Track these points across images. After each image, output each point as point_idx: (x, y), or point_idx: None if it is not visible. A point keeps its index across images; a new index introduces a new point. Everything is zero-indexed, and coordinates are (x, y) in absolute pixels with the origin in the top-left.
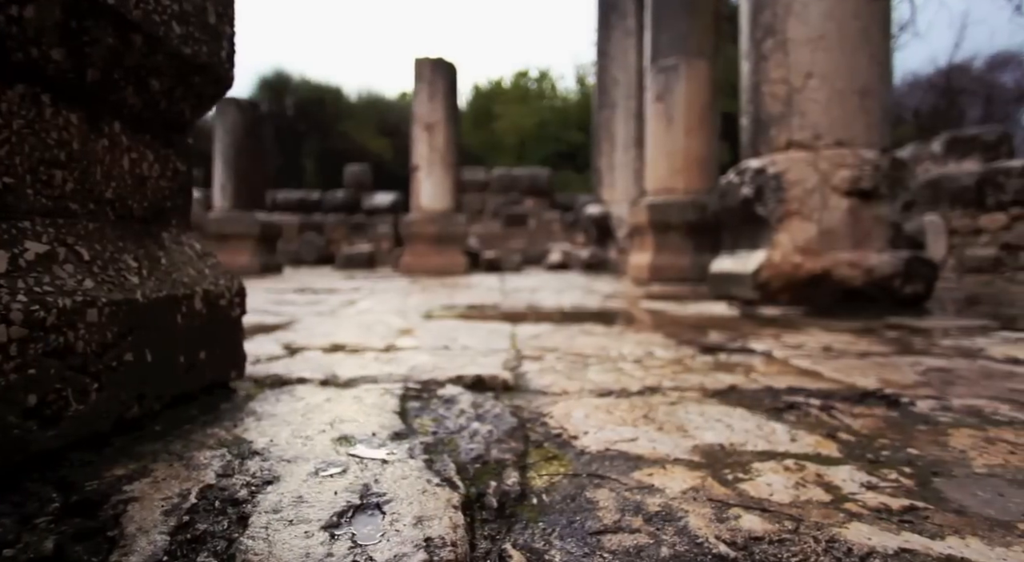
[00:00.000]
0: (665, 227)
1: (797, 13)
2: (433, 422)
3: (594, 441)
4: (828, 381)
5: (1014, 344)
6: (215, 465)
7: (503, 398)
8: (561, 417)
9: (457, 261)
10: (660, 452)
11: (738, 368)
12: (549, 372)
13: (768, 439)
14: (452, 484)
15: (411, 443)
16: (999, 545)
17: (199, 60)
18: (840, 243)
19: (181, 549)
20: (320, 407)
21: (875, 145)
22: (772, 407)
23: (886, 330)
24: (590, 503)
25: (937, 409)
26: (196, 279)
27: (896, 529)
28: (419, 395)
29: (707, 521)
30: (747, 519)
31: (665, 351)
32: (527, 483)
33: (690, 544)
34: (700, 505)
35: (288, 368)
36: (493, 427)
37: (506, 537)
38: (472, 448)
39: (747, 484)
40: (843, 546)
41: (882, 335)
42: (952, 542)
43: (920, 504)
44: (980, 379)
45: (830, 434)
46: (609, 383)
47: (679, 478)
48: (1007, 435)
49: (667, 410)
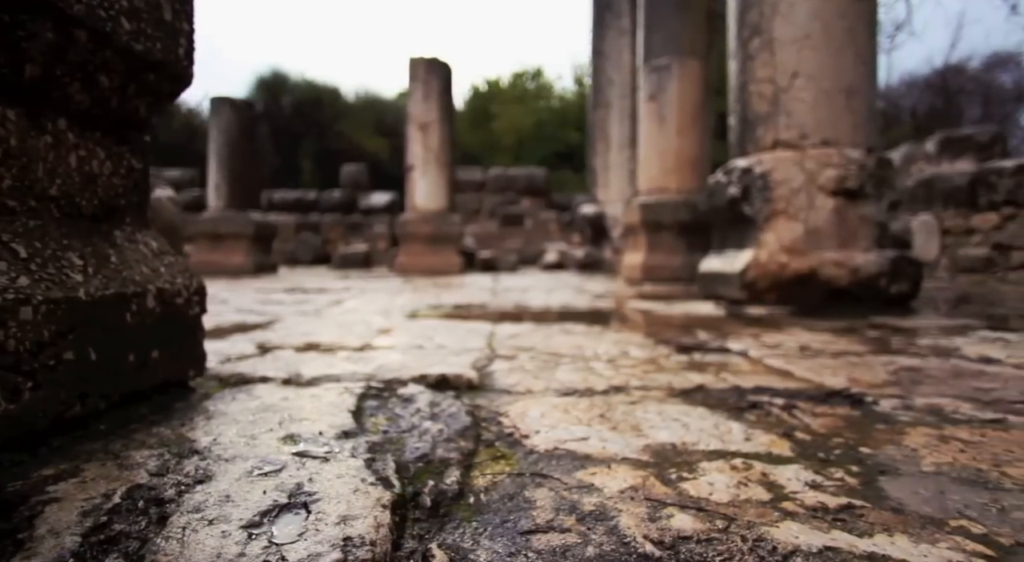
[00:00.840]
0: (657, 227)
1: (783, 13)
2: (387, 421)
3: (544, 440)
4: (798, 380)
5: (991, 343)
6: (150, 464)
7: (464, 397)
8: (516, 416)
9: (452, 261)
10: (609, 451)
11: (710, 368)
12: (518, 371)
13: (722, 438)
14: (387, 483)
15: (356, 442)
16: (926, 542)
17: (153, 57)
18: (826, 243)
19: (91, 551)
20: (274, 406)
21: (861, 145)
22: (734, 406)
23: (868, 329)
24: (527, 502)
25: (899, 408)
26: (149, 277)
27: (827, 528)
28: (379, 394)
29: (639, 520)
30: (680, 518)
31: (641, 351)
32: (468, 482)
33: (617, 543)
34: (636, 504)
35: (254, 367)
36: (445, 426)
37: (435, 537)
38: (419, 447)
39: (689, 483)
40: (769, 545)
41: (863, 335)
42: (879, 540)
43: (858, 503)
44: (949, 378)
45: (786, 433)
46: (576, 382)
47: (621, 477)
48: (962, 434)
49: (625, 410)
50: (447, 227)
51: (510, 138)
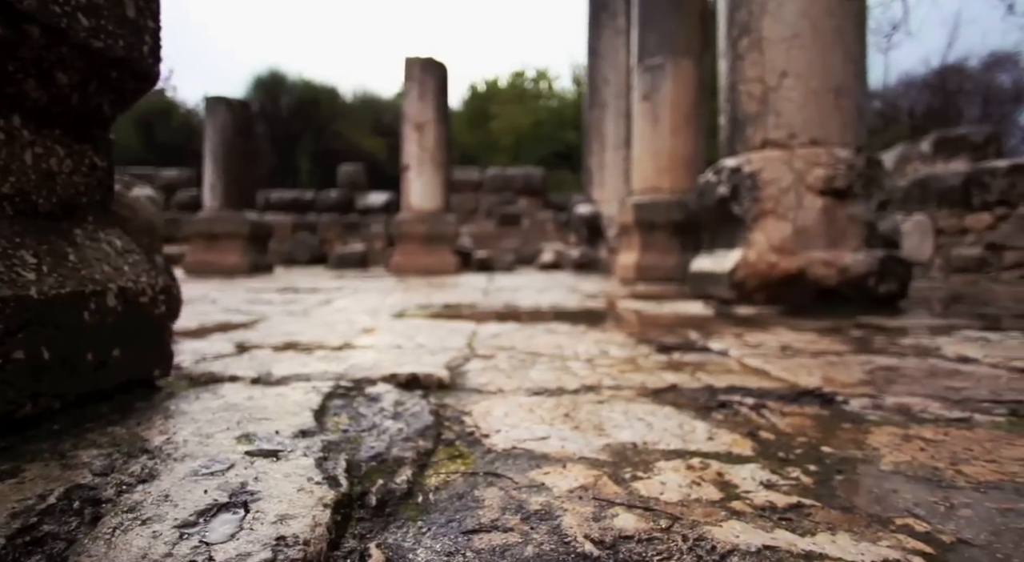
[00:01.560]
0: (651, 226)
1: (772, 12)
2: (349, 420)
3: (504, 440)
4: (773, 380)
5: (972, 343)
6: (96, 464)
7: (432, 396)
8: (480, 416)
9: (447, 261)
10: (567, 451)
11: (687, 367)
12: (492, 371)
13: (684, 438)
14: (334, 482)
15: (312, 441)
16: (867, 540)
17: (114, 54)
18: (815, 242)
19: (14, 553)
20: (237, 405)
21: (850, 144)
22: (703, 406)
23: (853, 329)
24: (476, 502)
25: (868, 407)
26: (111, 276)
27: (771, 527)
28: (346, 393)
29: (583, 520)
30: (624, 518)
31: (621, 350)
32: (419, 481)
33: (557, 543)
34: (583, 504)
35: (227, 367)
36: (406, 425)
37: (376, 536)
38: (375, 446)
39: (641, 483)
40: (708, 544)
41: (846, 334)
42: (820, 539)
43: (809, 502)
44: (923, 378)
45: (750, 433)
46: (548, 382)
47: (573, 477)
48: (926, 433)
49: (591, 409)
50: (442, 227)
51: (508, 138)
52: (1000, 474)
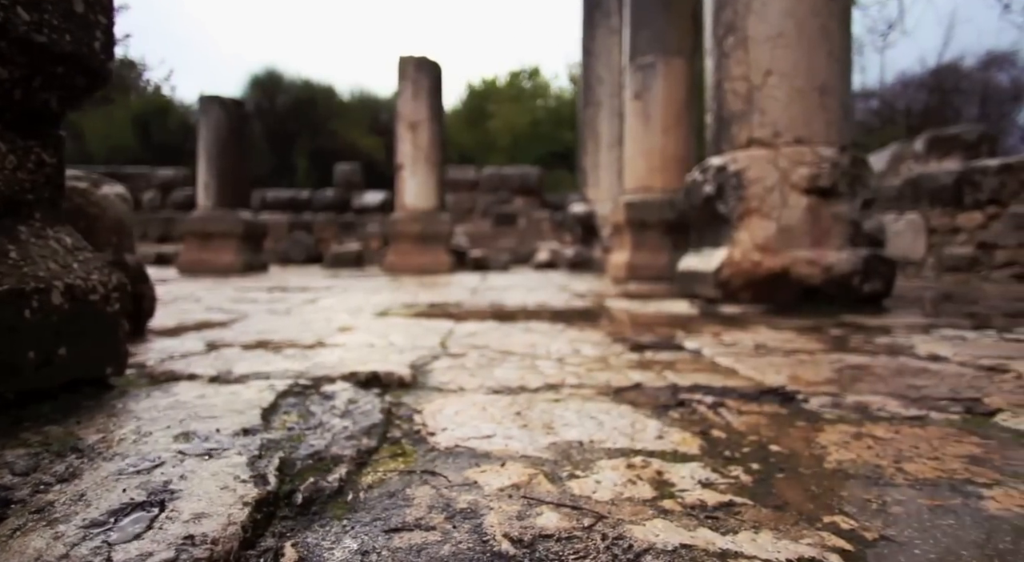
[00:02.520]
0: (642, 225)
1: (757, 11)
2: (298, 418)
3: (449, 438)
4: (739, 378)
5: (948, 341)
6: (19, 464)
7: (389, 395)
8: (430, 414)
9: (441, 260)
10: (510, 449)
11: (656, 366)
12: (457, 369)
13: (633, 437)
14: (263, 480)
15: (251, 440)
16: (789, 538)
17: (60, 49)
18: (799, 241)
19: None
20: (187, 404)
21: (834, 143)
22: (662, 405)
23: (832, 328)
24: (405, 500)
25: (827, 406)
26: (57, 273)
27: (695, 526)
28: (302, 391)
29: (506, 519)
30: (548, 517)
31: (594, 349)
32: (353, 480)
33: (475, 542)
34: (510, 503)
35: (190, 365)
36: (353, 423)
37: (295, 535)
38: (316, 444)
39: (576, 482)
40: (625, 543)
41: (825, 333)
42: (741, 537)
43: (741, 500)
44: (890, 376)
45: (702, 432)
46: (511, 380)
47: (508, 475)
48: (878, 431)
49: (545, 408)
50: (436, 226)
51: (506, 137)
52: (940, 471)
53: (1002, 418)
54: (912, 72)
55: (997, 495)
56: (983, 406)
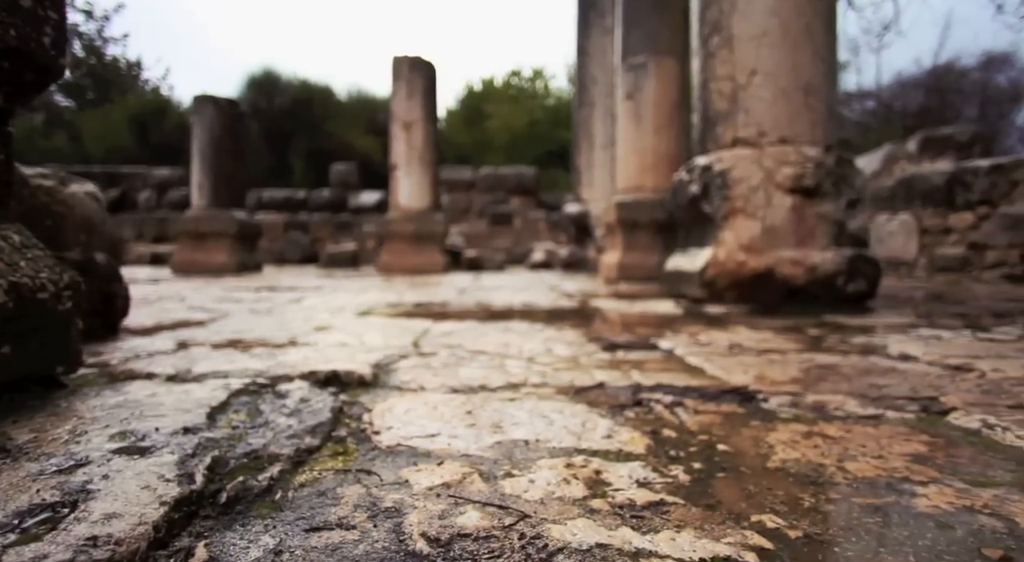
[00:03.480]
0: (634, 225)
1: (741, 10)
2: (246, 417)
3: (393, 437)
4: (705, 378)
5: (922, 341)
6: None
7: (347, 393)
8: (380, 413)
9: (435, 260)
10: (452, 448)
11: (625, 365)
12: (422, 368)
13: (581, 436)
14: (189, 480)
15: (189, 438)
16: (711, 538)
17: (5, 44)
18: (784, 241)
19: None
20: (136, 402)
21: (819, 142)
22: (619, 404)
23: (812, 328)
24: (333, 499)
25: (785, 405)
26: (2, 271)
27: (616, 525)
28: (258, 390)
29: (428, 518)
30: (471, 516)
31: (567, 348)
32: (286, 479)
33: (392, 541)
34: (436, 502)
35: (151, 364)
36: (299, 422)
37: (213, 534)
38: (256, 443)
39: (510, 481)
40: (541, 542)
41: (804, 333)
42: (661, 536)
43: (672, 500)
44: (856, 375)
45: (653, 431)
46: (474, 379)
47: (442, 474)
48: (830, 430)
49: (499, 407)
50: (430, 226)
51: (504, 137)
52: (881, 470)
53: (954, 417)
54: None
55: (930, 493)
56: (939, 405)
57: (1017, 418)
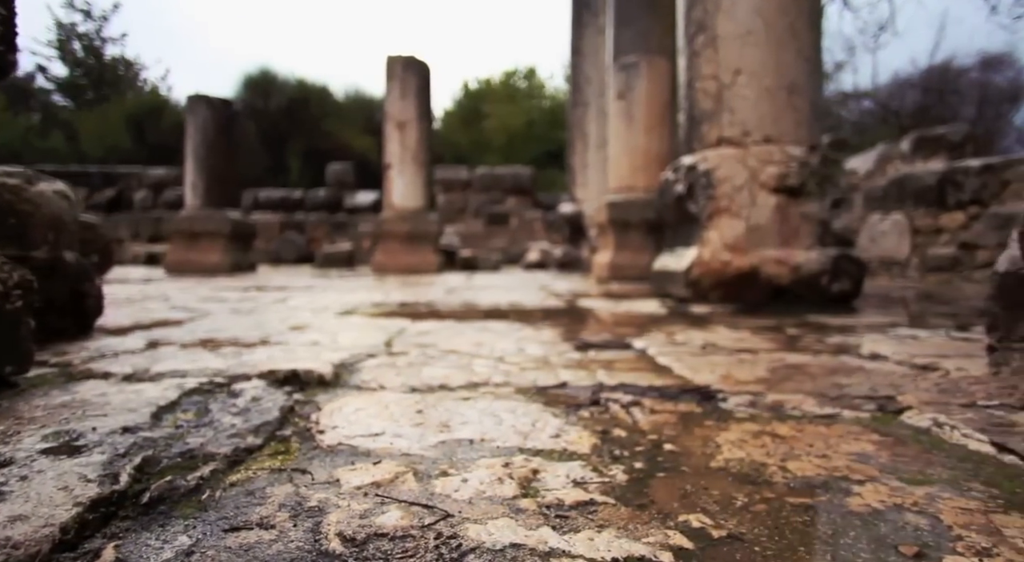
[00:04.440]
0: (625, 225)
1: (726, 9)
2: (193, 416)
3: (337, 436)
4: (670, 377)
5: (898, 341)
6: None
7: (303, 392)
8: (330, 412)
9: (429, 260)
10: (394, 447)
11: (593, 365)
12: (387, 368)
13: (528, 435)
14: (112, 480)
15: (125, 438)
16: (630, 538)
17: None
18: (768, 240)
19: None
20: (83, 402)
21: (803, 142)
22: (576, 403)
23: (791, 327)
24: (261, 498)
25: (744, 405)
26: None
27: (537, 525)
28: (212, 389)
29: (349, 517)
30: (392, 515)
31: (540, 348)
32: (219, 478)
33: (307, 541)
34: (362, 501)
35: (113, 363)
36: (245, 421)
37: (128, 535)
38: (194, 442)
39: (443, 480)
40: (456, 542)
41: (782, 332)
42: (579, 536)
43: (603, 499)
44: (822, 375)
45: (603, 431)
46: (436, 379)
47: (374, 473)
48: (781, 430)
49: (451, 406)
50: (424, 226)
51: (501, 137)
52: (823, 469)
53: (908, 416)
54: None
55: (865, 492)
56: (895, 404)
57: (967, 417)
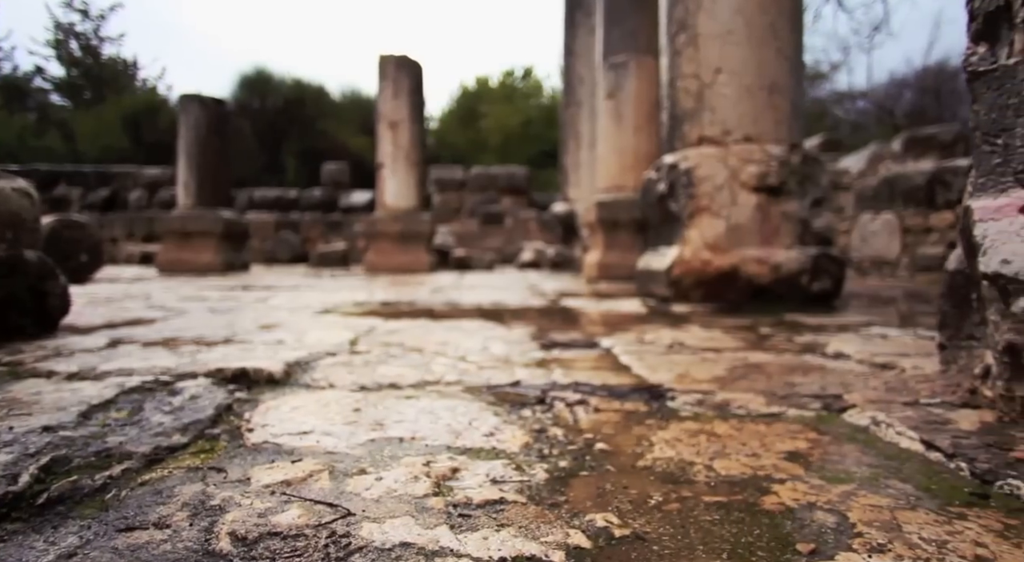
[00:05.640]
0: (614, 225)
1: (707, 8)
2: (125, 415)
3: (265, 435)
4: (626, 376)
5: (867, 340)
6: None
7: (250, 391)
8: (265, 411)
9: (421, 259)
10: (320, 446)
11: (553, 364)
12: (342, 366)
13: (461, 434)
14: (10, 480)
15: (40, 438)
16: (528, 537)
17: None
18: (748, 240)
19: None
20: (11, 401)
21: (784, 141)
22: (522, 402)
23: (766, 326)
24: (168, 497)
25: (691, 403)
26: None
27: (435, 524)
28: (153, 388)
29: (247, 515)
30: (292, 514)
31: (505, 347)
32: (131, 477)
33: (197, 541)
34: (267, 499)
35: (64, 362)
36: (175, 419)
37: (13, 538)
38: (114, 441)
39: (357, 478)
40: (346, 541)
41: (755, 331)
42: (474, 535)
43: (514, 499)
44: (779, 374)
45: (540, 429)
46: (388, 377)
47: (290, 471)
48: (720, 428)
49: (391, 404)
50: (416, 225)
51: (497, 137)
52: (749, 468)
53: (850, 414)
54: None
55: (783, 490)
56: (841, 402)
57: (906, 414)
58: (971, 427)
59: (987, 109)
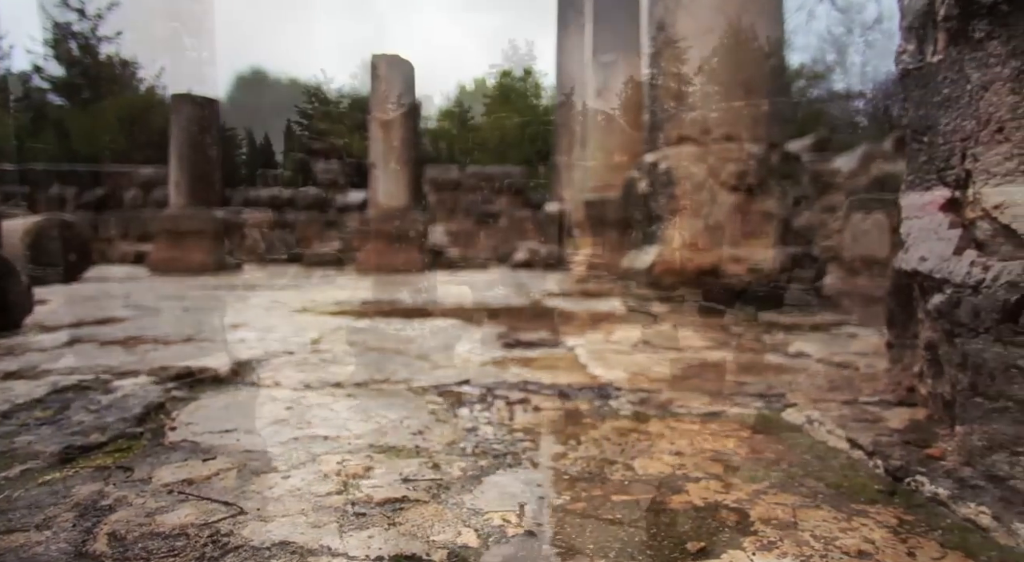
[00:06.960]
0: (601, 223)
1: (686, 7)
2: (50, 413)
3: (186, 433)
4: (579, 375)
5: (833, 339)
6: None
7: (190, 389)
8: (194, 409)
9: (414, 259)
10: (239, 444)
11: (510, 363)
12: (295, 365)
13: (387, 433)
14: None
15: None
16: (414, 537)
17: None
18: (728, 238)
19: None
20: None
21: (762, 140)
22: (464, 401)
23: (738, 325)
24: (62, 497)
25: (634, 402)
26: None
27: (326, 523)
28: (88, 387)
29: (133, 515)
30: (182, 513)
31: (467, 346)
32: (32, 477)
33: (74, 542)
34: (163, 499)
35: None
36: (98, 418)
37: None
38: (24, 440)
39: (265, 477)
40: (224, 540)
41: (727, 330)
42: (359, 534)
43: (416, 497)
44: (733, 372)
45: (471, 428)
46: (337, 376)
47: (197, 470)
48: (653, 427)
49: (325, 402)
50: (409, 225)
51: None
52: (670, 467)
53: (788, 413)
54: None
55: (695, 489)
56: (782, 401)
57: (841, 413)
58: (899, 425)
59: (915, 107)
